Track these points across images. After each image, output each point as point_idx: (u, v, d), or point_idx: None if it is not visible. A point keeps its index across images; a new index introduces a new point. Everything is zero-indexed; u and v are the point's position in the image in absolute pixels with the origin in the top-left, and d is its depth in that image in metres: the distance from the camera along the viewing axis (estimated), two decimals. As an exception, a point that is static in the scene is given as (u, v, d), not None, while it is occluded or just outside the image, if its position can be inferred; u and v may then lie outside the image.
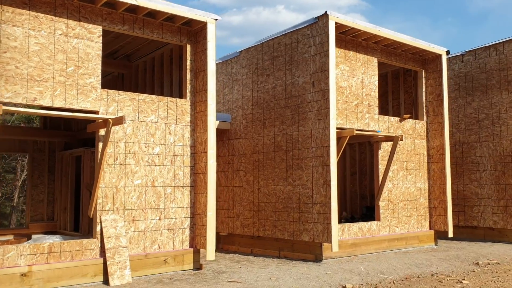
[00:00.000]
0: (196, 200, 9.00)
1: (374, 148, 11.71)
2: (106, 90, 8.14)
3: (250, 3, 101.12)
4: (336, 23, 10.03)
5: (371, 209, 13.78)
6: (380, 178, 11.37)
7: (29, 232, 11.02)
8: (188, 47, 9.20)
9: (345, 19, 10.17)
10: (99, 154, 7.85)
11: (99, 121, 7.85)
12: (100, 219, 7.93)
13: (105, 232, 7.88)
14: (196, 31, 9.23)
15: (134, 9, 8.38)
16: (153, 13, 8.54)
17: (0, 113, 6.47)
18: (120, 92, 8.31)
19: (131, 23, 8.49)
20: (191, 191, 9.02)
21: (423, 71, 12.75)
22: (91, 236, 8.27)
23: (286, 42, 10.91)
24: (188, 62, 9.19)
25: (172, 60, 10.24)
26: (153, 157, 8.61)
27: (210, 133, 8.87)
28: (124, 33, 8.70)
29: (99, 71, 8.00)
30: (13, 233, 10.84)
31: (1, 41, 7.05)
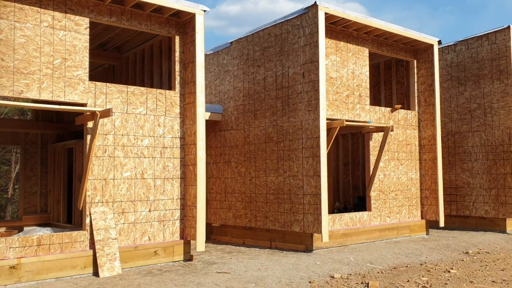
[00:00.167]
0: (186, 191, 9.03)
1: (365, 138, 11.73)
2: (94, 82, 8.12)
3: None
4: (326, 13, 10.00)
5: (363, 199, 13.82)
6: (371, 168, 11.41)
7: (22, 224, 11.06)
8: (177, 39, 9.17)
9: (335, 10, 10.14)
10: (87, 146, 7.86)
11: (87, 113, 7.84)
12: (90, 211, 7.96)
13: (95, 224, 7.91)
14: (185, 22, 9.20)
15: (121, 0, 8.34)
16: (140, 5, 8.50)
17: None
18: (108, 84, 8.30)
19: (119, 15, 8.45)
20: (181, 183, 9.04)
21: (415, 61, 12.74)
22: (81, 228, 8.30)
23: (277, 32, 10.88)
24: (177, 54, 9.16)
25: (161, 51, 10.21)
26: (142, 149, 8.62)
27: (199, 124, 8.87)
28: (112, 25, 8.67)
29: (87, 63, 7.98)
30: (6, 226, 10.89)
31: (-14, 34, 7.02)
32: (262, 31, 11.25)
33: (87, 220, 7.91)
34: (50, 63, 7.57)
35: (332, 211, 14.23)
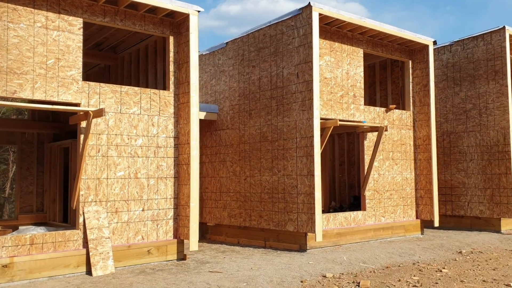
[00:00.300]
0: (179, 191, 9.08)
1: (359, 138, 11.77)
2: (87, 82, 8.17)
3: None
4: (320, 14, 10.04)
5: (359, 198, 13.87)
6: (366, 168, 11.45)
7: (18, 223, 11.12)
8: (171, 39, 9.21)
9: (329, 10, 10.18)
10: (81, 146, 7.91)
11: (80, 113, 7.89)
12: (83, 210, 8.00)
13: (88, 223, 7.96)
14: (179, 22, 9.24)
15: (115, 0, 8.38)
16: (134, 5, 8.54)
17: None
18: (102, 84, 8.34)
19: (113, 15, 8.49)
20: (175, 182, 9.09)
21: (410, 61, 12.78)
22: (75, 227, 8.35)
23: (271, 33, 10.92)
24: (171, 54, 9.21)
25: (156, 51, 10.26)
26: (136, 149, 8.67)
27: (193, 124, 8.92)
28: (105, 25, 8.71)
29: (80, 63, 8.02)
30: (2, 225, 10.95)
31: (-21, 34, 7.07)
32: (257, 31, 11.29)
33: (81, 219, 7.95)
34: (43, 63, 7.62)
35: (328, 210, 14.28)
